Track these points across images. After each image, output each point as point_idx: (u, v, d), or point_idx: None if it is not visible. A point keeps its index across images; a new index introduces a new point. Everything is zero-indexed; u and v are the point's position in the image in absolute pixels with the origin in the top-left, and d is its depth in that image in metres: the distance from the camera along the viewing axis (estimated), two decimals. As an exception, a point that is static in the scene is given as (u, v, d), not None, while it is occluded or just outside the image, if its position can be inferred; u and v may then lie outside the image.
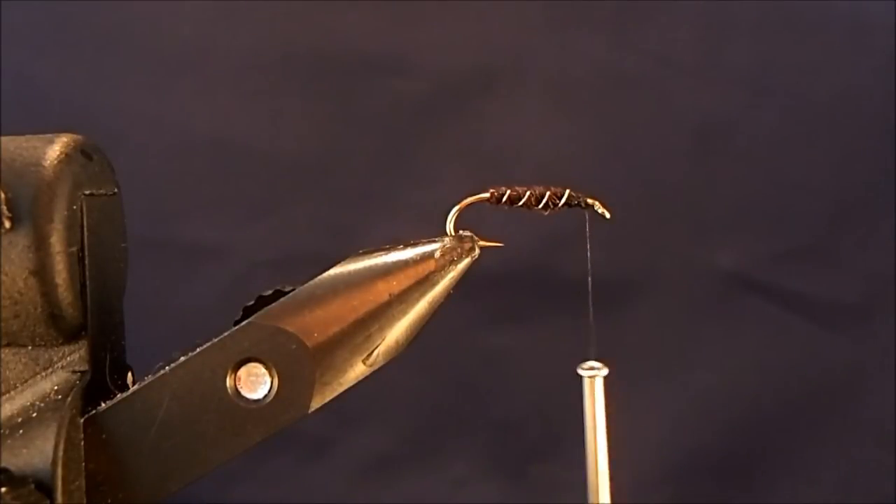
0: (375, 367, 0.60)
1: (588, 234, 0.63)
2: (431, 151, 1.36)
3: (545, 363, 1.22)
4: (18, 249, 0.56)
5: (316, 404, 0.59)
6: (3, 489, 0.51)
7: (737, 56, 1.35)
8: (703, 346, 1.37)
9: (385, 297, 0.58)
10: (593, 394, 0.62)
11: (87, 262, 0.59)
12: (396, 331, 0.59)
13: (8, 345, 0.59)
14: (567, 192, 0.61)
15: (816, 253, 1.37)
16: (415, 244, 0.60)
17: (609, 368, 0.62)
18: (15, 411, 0.57)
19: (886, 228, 1.35)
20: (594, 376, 0.62)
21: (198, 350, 0.59)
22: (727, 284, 1.36)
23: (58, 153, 0.58)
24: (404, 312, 0.59)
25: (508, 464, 1.39)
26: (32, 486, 0.53)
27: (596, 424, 0.62)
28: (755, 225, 1.37)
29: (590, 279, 0.65)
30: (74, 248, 0.58)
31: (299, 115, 1.36)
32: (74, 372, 0.60)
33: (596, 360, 0.63)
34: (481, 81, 1.36)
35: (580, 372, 0.62)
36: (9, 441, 0.55)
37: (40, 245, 0.56)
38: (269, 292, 0.60)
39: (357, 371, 0.59)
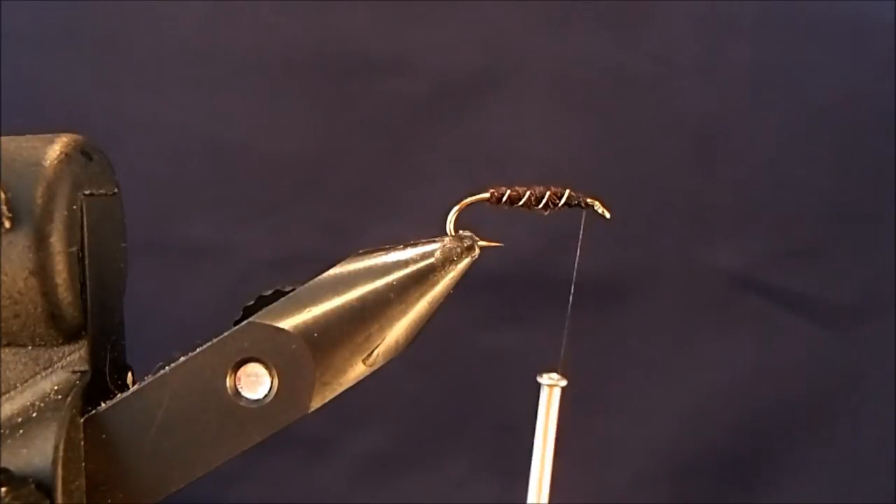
0: (375, 367, 0.60)
1: (581, 238, 0.63)
2: (431, 151, 1.36)
3: (545, 363, 1.21)
4: (18, 249, 0.56)
5: (316, 404, 0.59)
6: (3, 489, 0.51)
7: (737, 56, 1.35)
8: (703, 346, 1.37)
9: (385, 297, 0.58)
10: (549, 403, 0.63)
11: (87, 262, 0.59)
12: (396, 331, 0.59)
13: (8, 345, 0.59)
14: (567, 192, 0.61)
15: (816, 253, 1.37)
16: (415, 244, 0.60)
17: (608, 369, 0.62)
18: (15, 411, 0.57)
19: (886, 228, 1.35)
20: (553, 385, 0.63)
21: (198, 350, 0.58)
22: (727, 284, 1.36)
23: (58, 153, 0.58)
24: (404, 312, 0.59)
25: (508, 464, 1.39)
26: (32, 486, 0.53)
27: (547, 431, 0.64)
28: (755, 225, 1.37)
29: (572, 286, 0.66)
30: (74, 248, 0.58)
31: (299, 116, 1.36)
32: (74, 372, 0.59)
33: (560, 372, 0.64)
34: (481, 81, 1.35)
35: (540, 380, 0.64)
36: (9, 441, 0.55)
37: (40, 245, 0.56)
38: (269, 292, 0.60)
39: (357, 371, 0.59)
